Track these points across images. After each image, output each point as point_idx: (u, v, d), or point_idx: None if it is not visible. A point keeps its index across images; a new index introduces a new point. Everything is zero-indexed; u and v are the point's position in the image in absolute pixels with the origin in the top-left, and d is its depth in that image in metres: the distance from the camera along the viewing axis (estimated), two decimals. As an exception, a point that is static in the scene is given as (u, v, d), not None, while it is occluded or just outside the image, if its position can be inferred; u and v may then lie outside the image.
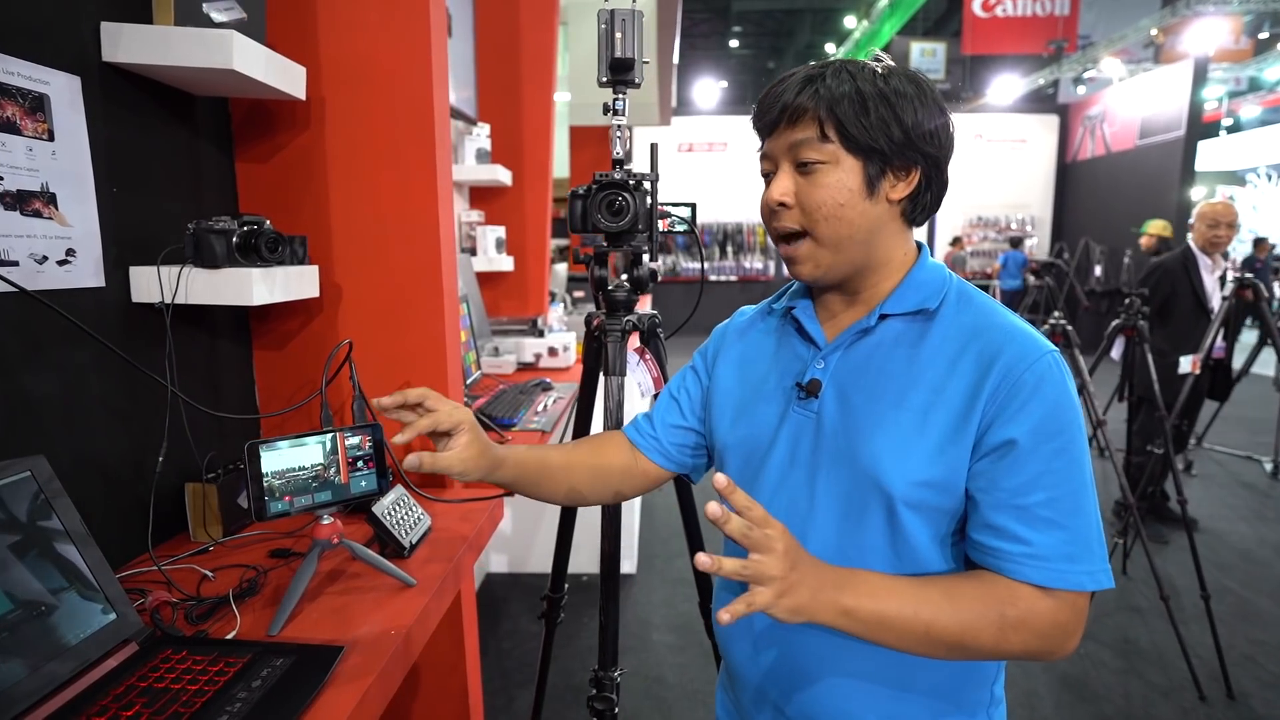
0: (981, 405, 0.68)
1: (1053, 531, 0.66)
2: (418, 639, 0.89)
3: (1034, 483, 0.66)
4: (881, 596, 0.64)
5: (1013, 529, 0.67)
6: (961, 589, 0.67)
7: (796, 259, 0.75)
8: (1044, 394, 0.67)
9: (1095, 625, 2.59)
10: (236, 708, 0.68)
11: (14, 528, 0.72)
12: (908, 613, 0.64)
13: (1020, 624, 0.65)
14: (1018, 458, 0.66)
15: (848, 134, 0.69)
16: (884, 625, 0.64)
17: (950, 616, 0.64)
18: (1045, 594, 0.66)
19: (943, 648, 0.65)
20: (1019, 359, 0.68)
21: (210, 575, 0.97)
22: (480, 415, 1.73)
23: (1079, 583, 0.66)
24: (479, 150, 2.60)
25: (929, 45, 14.26)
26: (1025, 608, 0.65)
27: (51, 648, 0.70)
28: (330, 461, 0.93)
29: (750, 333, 0.88)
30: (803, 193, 0.72)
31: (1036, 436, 0.66)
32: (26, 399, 0.87)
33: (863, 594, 0.64)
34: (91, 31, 0.96)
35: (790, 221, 0.73)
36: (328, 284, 1.27)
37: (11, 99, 0.85)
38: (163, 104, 1.08)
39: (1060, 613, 0.66)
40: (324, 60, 1.21)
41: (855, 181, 0.70)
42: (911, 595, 0.65)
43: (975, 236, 10.99)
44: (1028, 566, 0.66)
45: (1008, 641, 0.65)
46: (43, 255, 0.89)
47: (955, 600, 0.65)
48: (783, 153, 0.73)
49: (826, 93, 0.69)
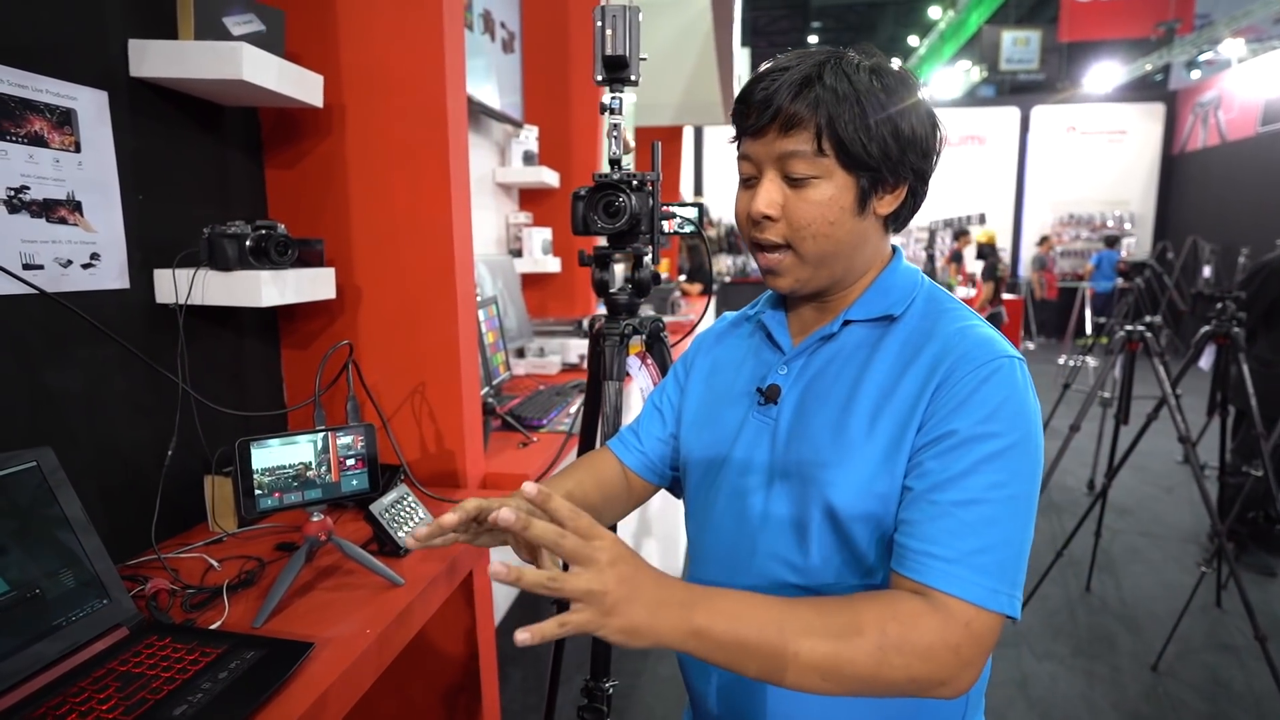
0: (924, 405, 0.63)
1: (962, 536, 0.59)
2: (396, 639, 0.90)
3: (955, 481, 0.60)
4: (742, 617, 0.55)
5: (919, 524, 0.60)
6: (837, 606, 0.58)
7: (777, 271, 0.71)
8: (986, 394, 0.61)
9: (1178, 662, 2.36)
10: (198, 698, 0.70)
11: (16, 514, 0.77)
12: (770, 634, 0.54)
13: (902, 642, 0.55)
14: (943, 452, 0.61)
15: (847, 151, 0.64)
16: (744, 649, 0.55)
17: (821, 638, 0.55)
18: (934, 608, 0.57)
19: (815, 674, 0.55)
20: (965, 359, 0.63)
21: (216, 565, 1.01)
22: (508, 416, 1.75)
23: (977, 595, 0.57)
24: (526, 153, 2.64)
25: (1022, 34, 13.46)
26: (908, 623, 0.56)
27: (41, 629, 0.74)
28: (321, 460, 0.95)
29: (725, 340, 0.85)
30: (791, 206, 0.67)
31: (970, 435, 0.61)
32: (49, 393, 0.93)
33: (718, 613, 0.55)
34: (120, 48, 1.02)
35: (774, 235, 0.69)
36: (348, 286, 1.31)
37: (40, 114, 0.91)
38: (191, 115, 1.14)
39: (951, 631, 0.56)
40: (344, 69, 1.24)
41: (848, 199, 0.66)
42: (778, 615, 0.56)
43: (1066, 235, 10.29)
44: (921, 563, 0.59)
45: (889, 665, 0.55)
46: (67, 259, 0.95)
47: (828, 618, 0.56)
48: (770, 160, 0.67)
49: (828, 99, 0.63)
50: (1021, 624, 2.59)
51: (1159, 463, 4.30)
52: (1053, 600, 2.75)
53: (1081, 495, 3.81)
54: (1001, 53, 13.60)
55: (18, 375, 0.89)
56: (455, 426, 1.35)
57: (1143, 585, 2.87)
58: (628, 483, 0.88)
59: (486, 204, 2.58)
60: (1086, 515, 2.60)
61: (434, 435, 1.36)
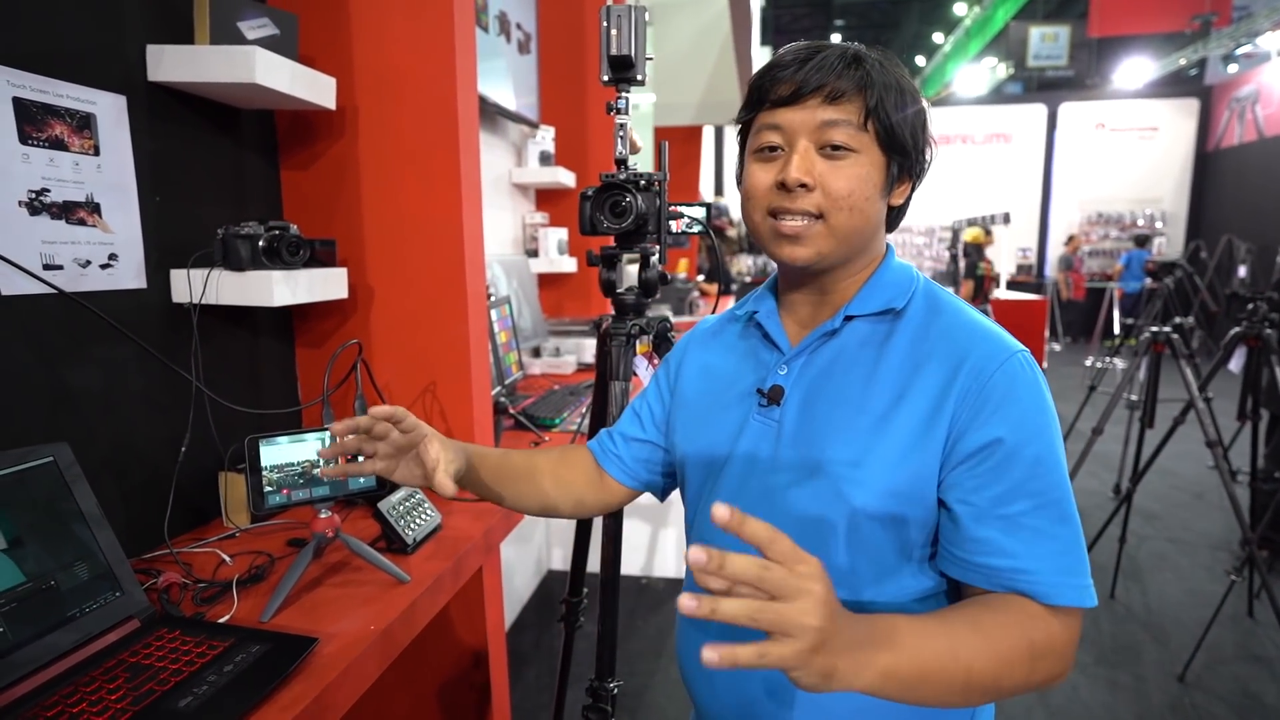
0: (951, 409, 0.63)
1: (1042, 543, 0.61)
2: (400, 635, 0.91)
3: (1017, 490, 0.61)
4: (919, 648, 0.53)
5: (1000, 542, 0.61)
6: (983, 619, 0.58)
7: (802, 238, 0.67)
8: (1018, 395, 0.62)
9: (1206, 673, 2.30)
10: (203, 690, 0.71)
11: (33, 508, 0.79)
12: (947, 660, 0.54)
13: (1048, 649, 0.59)
14: (997, 464, 0.61)
15: (890, 131, 0.66)
16: (926, 682, 0.53)
17: (986, 654, 0.56)
18: (1053, 613, 0.60)
19: (979, 693, 0.56)
20: (987, 359, 0.63)
21: (228, 560, 1.03)
22: (520, 416, 1.76)
23: (1072, 598, 0.60)
24: (542, 153, 2.65)
25: (1050, 29, 13.19)
26: (1044, 631, 0.59)
27: (56, 620, 0.76)
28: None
29: (715, 340, 0.84)
30: (827, 177, 0.65)
31: (1016, 440, 0.61)
32: (68, 390, 0.96)
33: (901, 649, 0.52)
34: (139, 53, 1.04)
35: (809, 204, 0.66)
36: (361, 286, 1.33)
37: (60, 119, 0.94)
38: (208, 118, 1.17)
39: (1069, 630, 0.60)
40: (356, 71, 1.26)
41: (879, 178, 0.67)
42: (945, 636, 0.55)
43: (1094, 235, 10.08)
44: (1021, 582, 0.60)
45: (1036, 672, 0.58)
46: (86, 260, 0.98)
47: (983, 633, 0.57)
48: (806, 129, 0.65)
49: (878, 79, 0.65)
50: (1042, 631, 2.54)
51: (1189, 468, 4.19)
52: (1075, 607, 2.70)
53: (1107, 500, 3.73)
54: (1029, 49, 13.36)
55: (38, 373, 0.92)
56: (466, 425, 1.36)
57: (1170, 593, 2.80)
58: (601, 479, 0.90)
59: (503, 204, 2.59)
60: (1110, 520, 2.55)
61: (444, 433, 1.36)
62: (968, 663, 0.55)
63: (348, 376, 1.16)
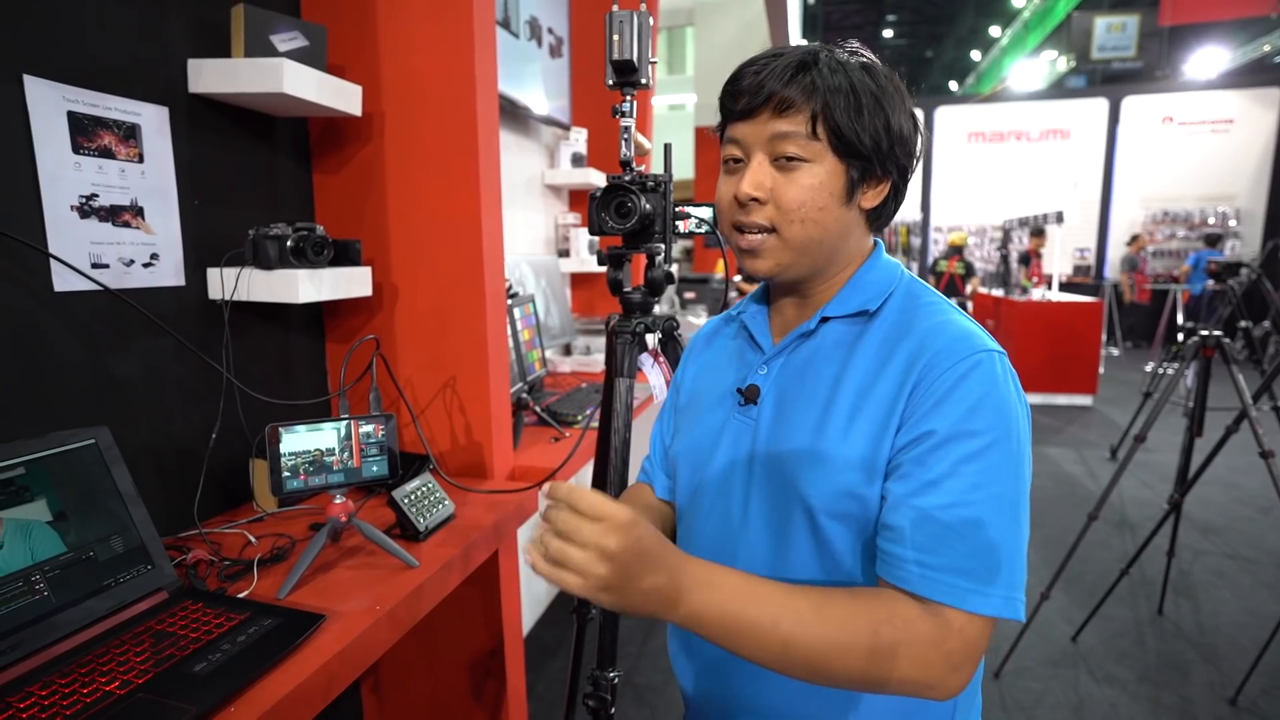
0: (904, 402, 0.63)
1: (948, 542, 0.59)
2: (405, 616, 0.95)
3: (937, 484, 0.60)
4: (728, 607, 0.57)
5: (905, 531, 0.60)
6: (834, 603, 0.59)
7: (758, 253, 0.69)
8: (966, 390, 0.60)
9: (1262, 698, 2.18)
10: (217, 657, 0.77)
11: (75, 485, 0.86)
12: (765, 623, 0.57)
13: (895, 648, 0.57)
14: (923, 454, 0.60)
15: (840, 134, 0.65)
16: (732, 636, 0.58)
17: (815, 633, 0.57)
18: (928, 614, 0.58)
19: (803, 667, 0.58)
20: (945, 354, 0.62)
21: (254, 540, 1.10)
22: (542, 412, 1.80)
23: (969, 602, 0.57)
24: (574, 155, 2.70)
25: (1117, 19, 12.62)
26: (902, 629, 0.57)
27: (93, 588, 0.84)
28: (344, 446, 1.02)
29: (712, 343, 0.86)
30: (779, 189, 0.67)
31: (949, 434, 0.60)
32: (112, 379, 1.04)
33: (707, 605, 0.57)
34: (180, 67, 1.12)
35: (761, 218, 0.68)
36: (386, 284, 1.39)
37: (108, 129, 1.02)
38: (245, 126, 1.24)
39: (945, 638, 0.57)
40: (383, 79, 1.32)
41: (837, 185, 0.67)
42: (774, 605, 0.58)
43: (1159, 234, 9.60)
44: (912, 574, 0.59)
45: (879, 668, 0.57)
46: (130, 259, 1.06)
47: (823, 614, 0.58)
48: (760, 143, 0.67)
49: (822, 85, 0.65)
50: (1081, 644, 2.45)
51: (1254, 480, 3.97)
52: (1118, 622, 2.59)
53: (1160, 512, 3.56)
54: (1094, 40, 12.80)
55: (85, 362, 1.00)
56: (484, 420, 1.41)
57: (1226, 611, 2.66)
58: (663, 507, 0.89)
59: (535, 205, 2.65)
60: (1155, 531, 2.44)
61: (464, 427, 1.42)
62: (786, 634, 0.57)
63: (365, 371, 1.22)
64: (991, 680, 2.26)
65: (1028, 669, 2.32)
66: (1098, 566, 3.00)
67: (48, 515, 0.82)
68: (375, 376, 1.11)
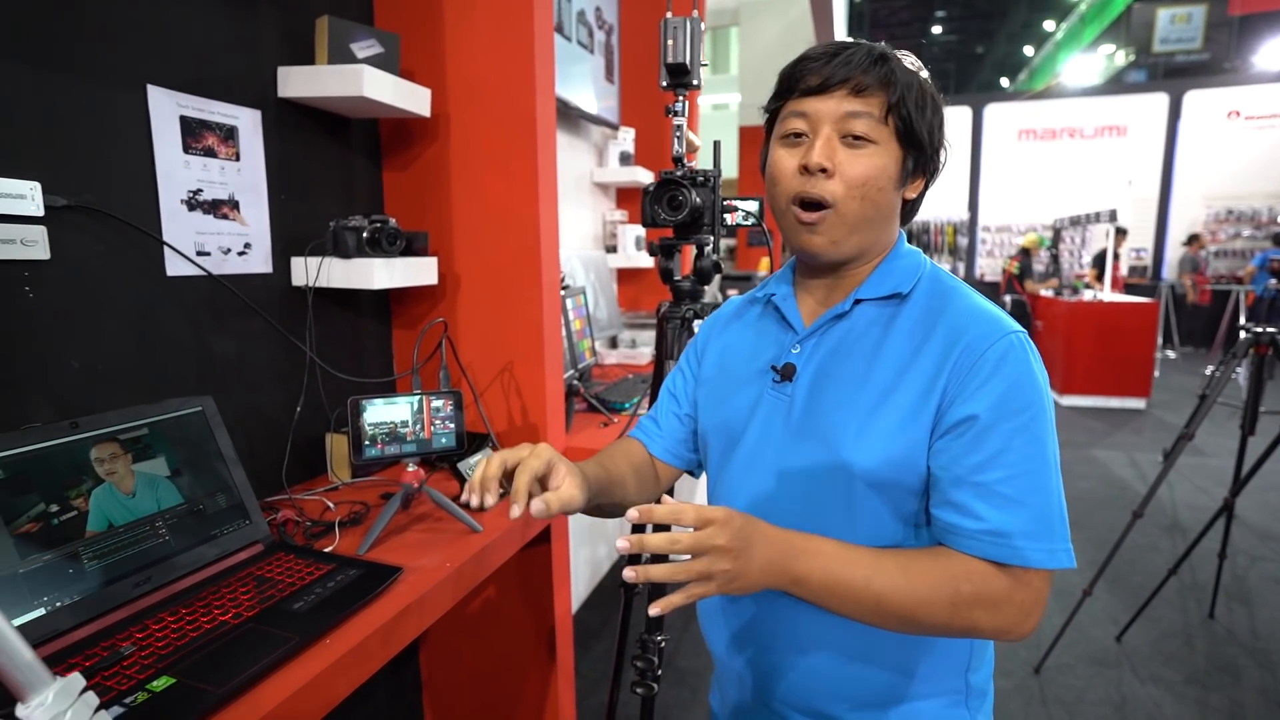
0: (942, 382, 0.68)
1: (1011, 509, 0.66)
2: (470, 575, 1.04)
3: (994, 460, 0.66)
4: (829, 570, 0.65)
5: (971, 506, 0.67)
6: (918, 563, 0.67)
7: (818, 228, 0.72)
8: (1005, 371, 0.67)
9: (1315, 699, 2.14)
10: (311, 599, 0.87)
11: (186, 446, 0.97)
12: (859, 583, 0.65)
13: (975, 601, 0.65)
14: (978, 434, 0.67)
15: (909, 124, 0.71)
16: (834, 595, 0.65)
17: (904, 590, 0.65)
18: (1002, 571, 0.66)
19: (894, 619, 0.66)
20: (981, 338, 0.68)
21: (332, 506, 1.21)
22: (595, 399, 1.88)
23: (1036, 560, 0.65)
24: (622, 154, 2.78)
25: (1182, 10, 12.13)
26: (980, 584, 0.65)
27: (204, 537, 0.94)
28: (417, 419, 1.11)
29: (735, 323, 0.90)
30: (846, 164, 0.70)
31: (997, 413, 0.66)
32: (212, 355, 1.15)
33: (812, 568, 0.65)
34: (271, 74, 1.23)
35: (825, 190, 0.71)
36: (449, 274, 1.48)
37: (212, 131, 1.13)
38: (324, 127, 1.35)
39: (1017, 591, 0.66)
40: (449, 82, 1.42)
41: (895, 170, 0.72)
42: (866, 566, 0.66)
43: (1221, 234, 9.20)
44: (985, 543, 0.66)
45: (961, 618, 0.65)
46: (227, 248, 1.17)
47: (910, 574, 0.66)
48: (831, 119, 0.70)
49: (899, 78, 0.70)
50: (1125, 644, 2.42)
51: (1319, 487, 3.82)
52: (1166, 623, 2.55)
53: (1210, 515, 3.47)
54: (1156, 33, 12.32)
55: (190, 339, 1.12)
56: (539, 402, 1.49)
57: (1282, 618, 2.60)
58: (654, 467, 0.93)
59: (584, 202, 2.74)
60: (1205, 530, 2.40)
61: (520, 409, 1.51)
62: (878, 592, 0.65)
63: (434, 352, 1.32)
64: (1032, 675, 2.26)
65: (1069, 665, 2.31)
66: (1146, 569, 2.95)
67: (166, 471, 0.93)
68: (445, 357, 1.20)
